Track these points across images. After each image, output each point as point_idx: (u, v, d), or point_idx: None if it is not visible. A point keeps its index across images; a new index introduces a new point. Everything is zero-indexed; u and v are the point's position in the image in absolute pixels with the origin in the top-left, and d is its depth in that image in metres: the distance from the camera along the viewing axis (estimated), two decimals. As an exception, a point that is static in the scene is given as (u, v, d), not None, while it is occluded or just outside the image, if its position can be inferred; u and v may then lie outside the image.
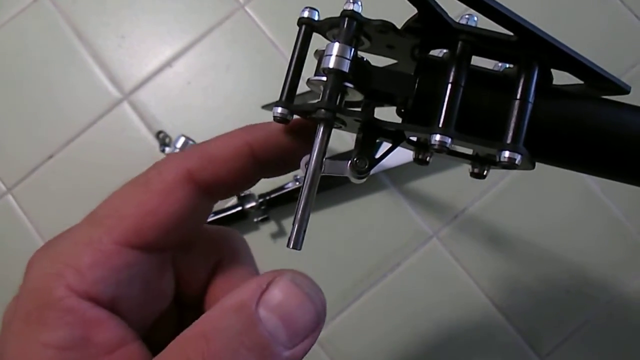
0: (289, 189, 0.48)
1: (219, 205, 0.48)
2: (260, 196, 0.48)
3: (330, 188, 0.48)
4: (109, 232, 0.18)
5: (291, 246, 0.19)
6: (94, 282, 0.17)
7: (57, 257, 0.18)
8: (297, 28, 0.22)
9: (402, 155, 0.42)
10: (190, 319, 0.18)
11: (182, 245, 0.21)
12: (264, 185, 0.49)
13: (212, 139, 0.20)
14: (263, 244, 0.49)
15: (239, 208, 0.48)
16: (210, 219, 0.47)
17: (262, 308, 0.17)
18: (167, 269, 0.20)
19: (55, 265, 0.18)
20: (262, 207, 0.48)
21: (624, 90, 0.21)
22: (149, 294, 0.19)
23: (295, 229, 0.19)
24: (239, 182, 0.20)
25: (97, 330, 0.17)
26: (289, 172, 0.22)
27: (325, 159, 0.21)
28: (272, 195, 0.48)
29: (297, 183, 0.48)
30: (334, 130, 0.21)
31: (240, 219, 0.48)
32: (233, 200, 0.49)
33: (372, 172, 0.22)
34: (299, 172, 0.45)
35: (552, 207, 0.49)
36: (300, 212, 0.20)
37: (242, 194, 0.48)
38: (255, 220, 0.48)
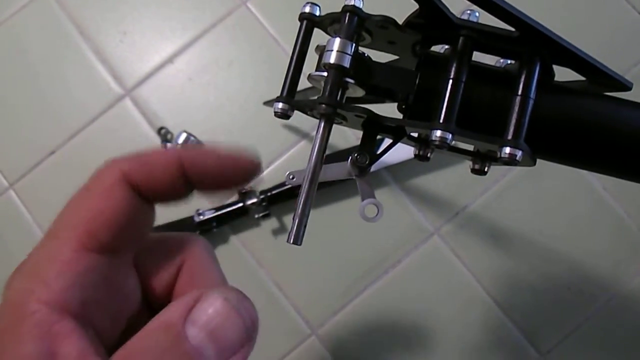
0: (290, 186, 0.48)
1: (220, 202, 0.48)
2: (262, 192, 0.48)
3: (331, 184, 0.48)
4: (67, 242, 0.19)
5: (291, 241, 0.20)
6: (60, 290, 0.18)
7: (28, 274, 0.19)
8: (299, 24, 0.22)
9: (404, 152, 0.42)
10: None
11: (137, 246, 0.21)
12: (265, 182, 0.49)
13: (150, 150, 0.22)
14: (264, 240, 0.49)
15: (240, 204, 0.48)
16: (212, 215, 0.47)
17: (190, 325, 0.18)
18: (129, 271, 0.21)
19: (27, 281, 0.19)
20: (264, 204, 0.48)
21: (626, 87, 0.21)
22: (115, 296, 0.20)
23: (296, 225, 0.20)
24: (168, 188, 0.21)
25: (63, 343, 0.18)
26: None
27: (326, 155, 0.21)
28: (274, 192, 0.48)
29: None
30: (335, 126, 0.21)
31: (242, 215, 0.48)
32: (234, 196, 0.49)
33: (373, 168, 0.22)
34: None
35: (554, 204, 0.49)
36: (300, 207, 0.20)
37: (244, 190, 0.48)
38: (256, 216, 0.48)
